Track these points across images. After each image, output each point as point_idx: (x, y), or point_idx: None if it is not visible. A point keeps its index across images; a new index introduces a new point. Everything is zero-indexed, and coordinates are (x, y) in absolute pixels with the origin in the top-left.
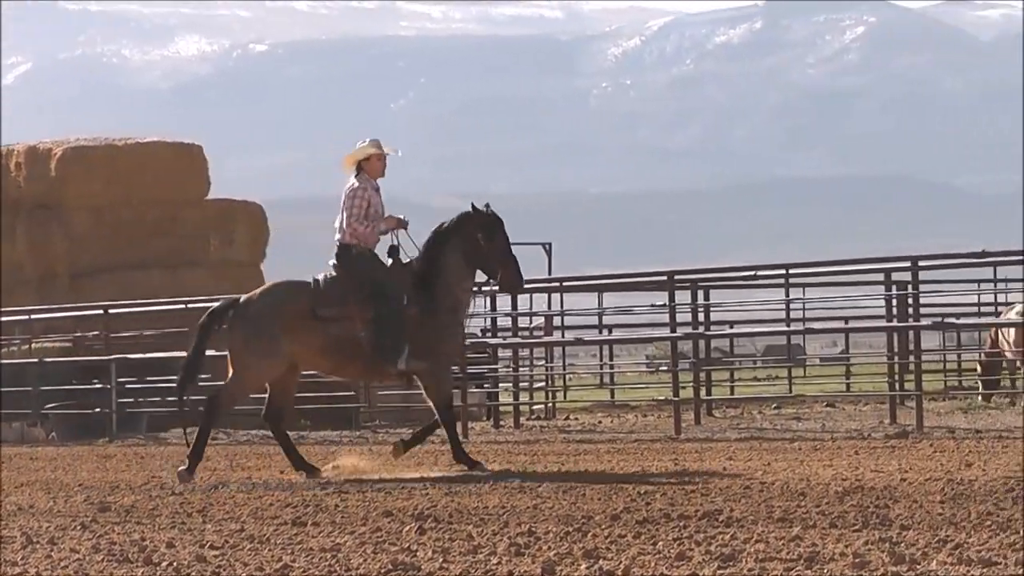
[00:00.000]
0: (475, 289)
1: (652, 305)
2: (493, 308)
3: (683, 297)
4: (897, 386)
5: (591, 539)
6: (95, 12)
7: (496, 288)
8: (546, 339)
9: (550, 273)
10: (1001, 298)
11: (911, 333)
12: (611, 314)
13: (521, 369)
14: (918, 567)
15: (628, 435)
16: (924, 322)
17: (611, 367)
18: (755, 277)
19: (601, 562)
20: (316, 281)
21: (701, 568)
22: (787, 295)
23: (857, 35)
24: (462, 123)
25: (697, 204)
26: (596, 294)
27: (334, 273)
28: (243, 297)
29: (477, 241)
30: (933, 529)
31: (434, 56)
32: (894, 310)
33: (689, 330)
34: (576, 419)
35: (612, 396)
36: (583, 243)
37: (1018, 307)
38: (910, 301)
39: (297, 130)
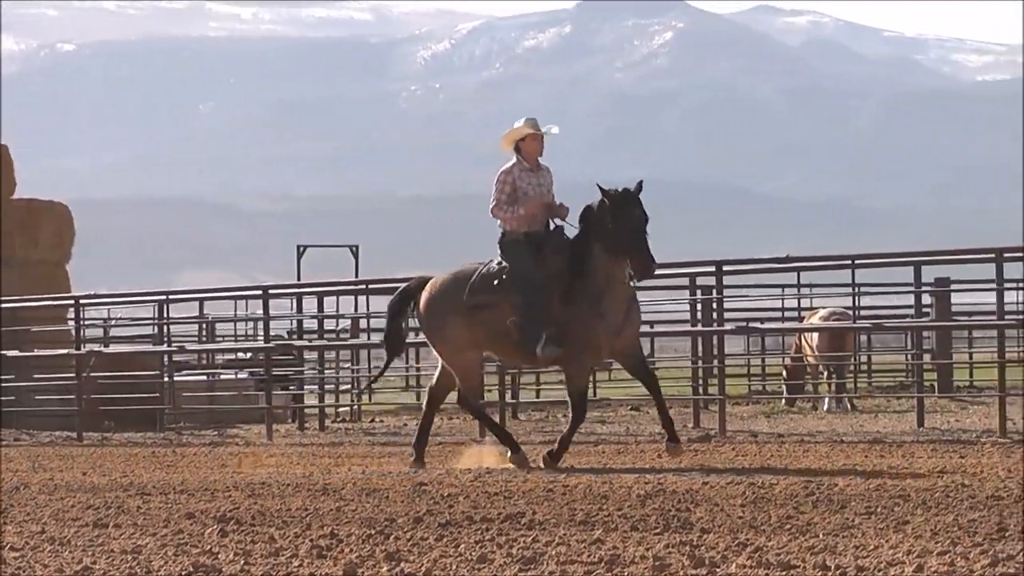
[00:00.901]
0: (629, 277)
1: None
2: (299, 310)
3: None
4: (701, 390)
5: (393, 542)
6: None
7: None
8: (352, 341)
9: (357, 275)
10: (805, 303)
11: (715, 337)
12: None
13: (327, 371)
14: (718, 570)
15: (433, 438)
16: (728, 327)
17: (418, 370)
18: None
19: (403, 565)
20: (483, 267)
21: (502, 571)
22: None
23: (666, 40)
24: (271, 125)
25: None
26: None
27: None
28: (430, 280)
29: (606, 225)
30: (733, 532)
31: (243, 57)
32: (699, 314)
33: None
34: (382, 421)
35: (418, 399)
36: (391, 245)
37: (822, 312)
38: (714, 306)
39: (107, 131)
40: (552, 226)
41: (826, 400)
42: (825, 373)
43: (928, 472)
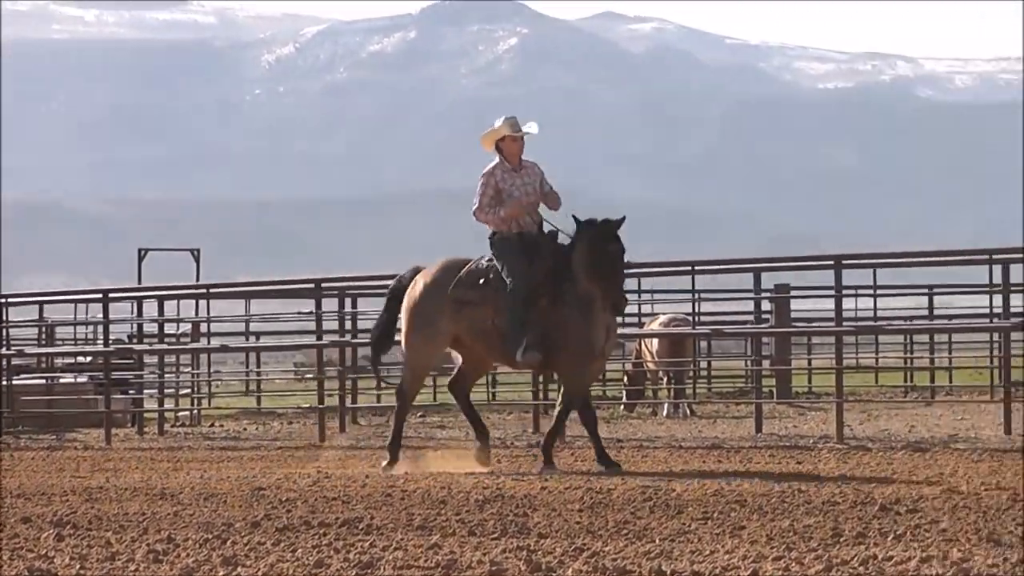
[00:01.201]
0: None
1: (299, 312)
2: (139, 314)
3: (330, 305)
4: (540, 395)
5: (230, 546)
6: None
7: None
8: (192, 345)
9: (198, 279)
10: (646, 308)
11: None
12: (258, 321)
13: (167, 375)
14: (554, 575)
15: (273, 442)
16: None
17: (258, 374)
18: None
19: (240, 569)
20: (474, 263)
21: (339, 575)
22: None
23: (511, 46)
24: (113, 128)
25: (347, 212)
26: (244, 301)
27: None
28: (422, 271)
29: (585, 252)
30: (570, 537)
31: (86, 60)
32: None
33: (336, 338)
34: (222, 426)
35: (259, 403)
36: (232, 249)
37: (661, 318)
38: None
39: None
40: (547, 228)
41: (665, 405)
42: (665, 379)
43: (765, 477)
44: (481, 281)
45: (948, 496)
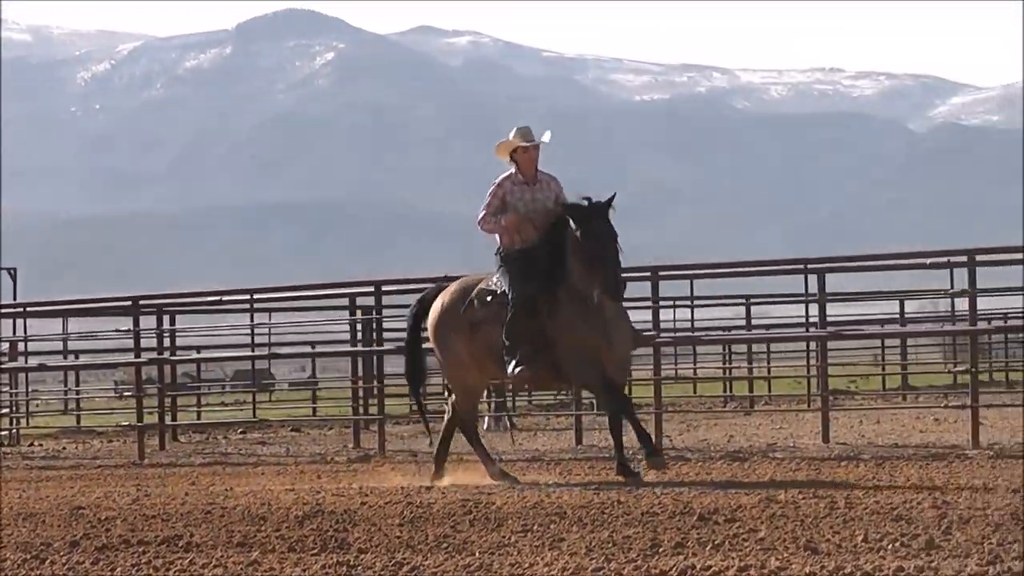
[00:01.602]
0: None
1: (117, 330)
2: None
3: (148, 322)
4: (361, 410)
5: (49, 566)
6: None
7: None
8: (9, 365)
9: (15, 298)
10: None
11: (375, 357)
12: (76, 340)
13: None
14: None
15: (92, 461)
16: (387, 346)
17: (77, 393)
18: (220, 302)
19: None
20: (485, 281)
21: None
22: (252, 320)
23: (327, 61)
24: None
25: (165, 229)
26: (61, 319)
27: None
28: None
29: (576, 237)
30: (390, 552)
31: None
32: (359, 334)
33: (155, 355)
34: (41, 445)
35: (78, 422)
36: (50, 268)
37: None
38: (374, 326)
39: None
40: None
41: (487, 419)
42: (485, 392)
43: (585, 489)
44: (489, 299)
45: (766, 505)
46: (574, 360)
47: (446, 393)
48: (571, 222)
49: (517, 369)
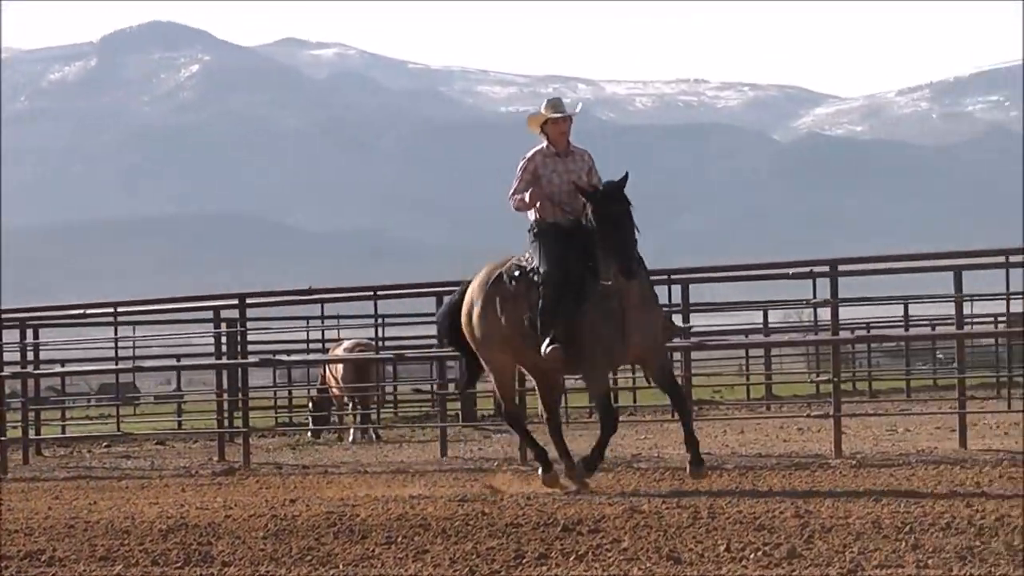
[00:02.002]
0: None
1: None
2: None
3: (11, 336)
4: (226, 423)
5: None
6: None
7: None
8: None
9: None
10: (331, 334)
11: (240, 370)
12: None
13: None
14: None
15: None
16: (252, 359)
17: None
18: (84, 316)
19: None
20: (514, 257)
21: None
22: (116, 333)
23: (192, 73)
24: None
25: (29, 243)
26: None
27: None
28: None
29: (593, 221)
30: (254, 565)
31: None
32: (224, 347)
33: (18, 369)
34: None
35: None
36: None
37: (346, 343)
38: (239, 338)
39: None
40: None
41: (351, 431)
42: (350, 404)
43: (449, 500)
44: (517, 274)
45: (630, 515)
46: (588, 362)
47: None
48: (587, 206)
49: (550, 348)
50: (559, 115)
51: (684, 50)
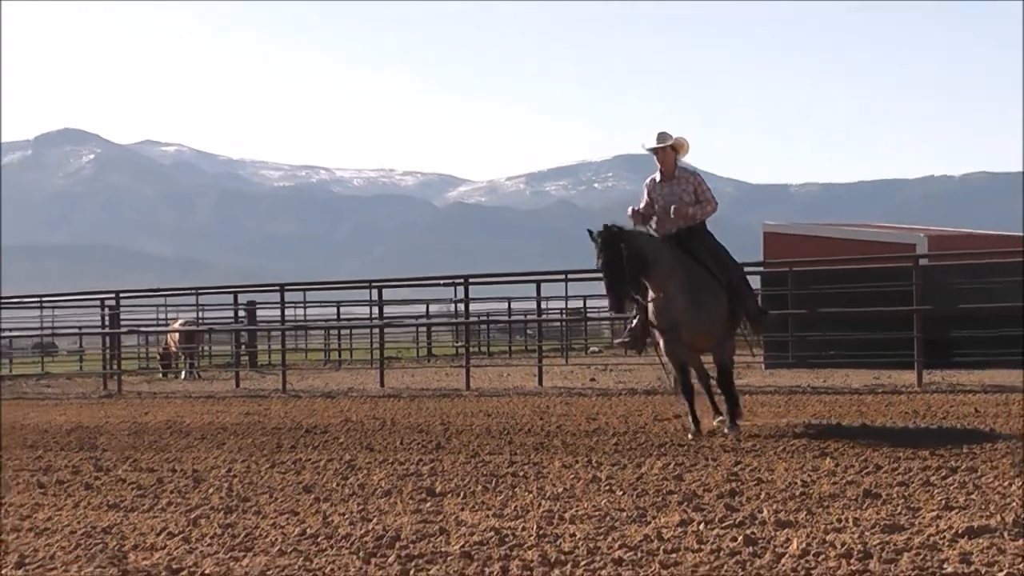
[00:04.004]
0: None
1: None
2: None
3: None
4: (109, 367)
5: None
6: None
7: None
8: None
9: None
10: (171, 315)
11: (118, 337)
12: None
13: None
14: None
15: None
16: (123, 329)
17: None
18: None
19: None
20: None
21: None
22: (42, 312)
23: (90, 159)
24: None
25: None
26: None
27: None
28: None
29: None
30: (121, 451)
31: None
32: (107, 322)
33: None
34: None
35: None
36: None
37: (179, 321)
38: (118, 316)
39: None
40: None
41: (183, 372)
42: (182, 357)
43: (238, 414)
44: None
45: (345, 422)
46: (671, 342)
47: None
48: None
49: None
50: (659, 145)
51: (380, 143)
